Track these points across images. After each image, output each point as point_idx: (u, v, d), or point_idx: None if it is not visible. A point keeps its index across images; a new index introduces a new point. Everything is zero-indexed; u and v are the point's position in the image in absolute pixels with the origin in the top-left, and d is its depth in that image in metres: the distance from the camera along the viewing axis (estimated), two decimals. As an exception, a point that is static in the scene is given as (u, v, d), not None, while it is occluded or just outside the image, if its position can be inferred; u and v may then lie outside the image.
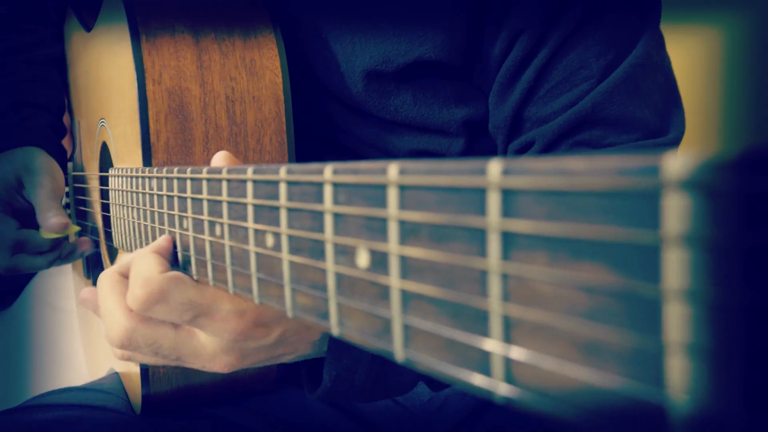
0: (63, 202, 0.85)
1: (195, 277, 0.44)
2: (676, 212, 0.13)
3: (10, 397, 1.00)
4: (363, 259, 0.24)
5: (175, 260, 0.47)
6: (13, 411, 0.71)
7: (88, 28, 0.85)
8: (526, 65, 0.63)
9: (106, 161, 0.82)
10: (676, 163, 0.13)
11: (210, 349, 0.45)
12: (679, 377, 0.13)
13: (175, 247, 0.47)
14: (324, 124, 0.74)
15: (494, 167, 0.18)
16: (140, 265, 0.43)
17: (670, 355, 0.13)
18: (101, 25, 0.79)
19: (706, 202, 0.13)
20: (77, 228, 0.84)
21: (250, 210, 0.34)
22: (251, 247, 0.34)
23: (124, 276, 0.47)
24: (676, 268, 0.13)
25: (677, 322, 0.13)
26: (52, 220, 0.78)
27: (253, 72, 0.64)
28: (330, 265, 0.26)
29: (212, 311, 0.43)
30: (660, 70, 0.66)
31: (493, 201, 0.18)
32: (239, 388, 0.73)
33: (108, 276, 0.47)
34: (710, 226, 0.12)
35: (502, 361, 0.18)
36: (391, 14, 0.66)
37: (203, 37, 0.64)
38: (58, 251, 0.83)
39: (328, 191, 0.26)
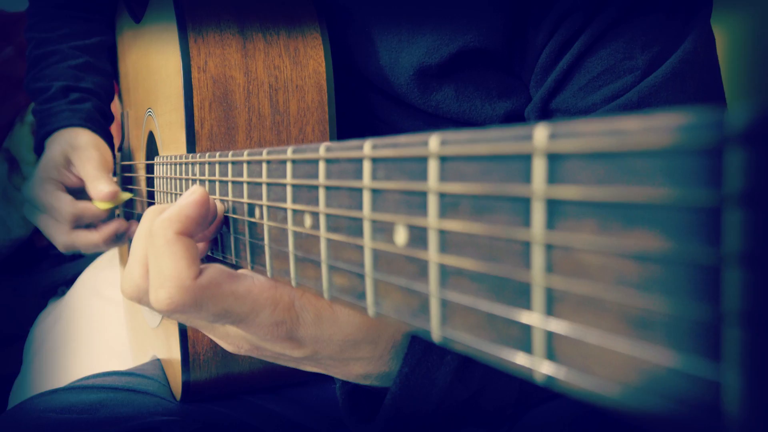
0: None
1: (234, 261, 0.44)
2: (740, 168, 0.12)
3: (61, 379, 1.03)
4: (401, 235, 0.24)
5: (214, 242, 0.47)
6: (59, 391, 0.73)
7: (138, 19, 0.87)
8: (565, 50, 0.61)
9: (152, 150, 0.83)
10: (742, 115, 0.12)
11: (230, 331, 0.42)
12: (739, 350, 0.12)
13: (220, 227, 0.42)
14: (367, 116, 0.74)
15: (540, 132, 0.17)
16: (167, 261, 0.36)
17: (729, 325, 0.12)
18: (150, 16, 0.80)
19: (775, 156, 0.11)
20: (129, 195, 0.84)
21: (288, 191, 0.34)
22: (289, 228, 0.34)
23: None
24: (739, 230, 0.12)
25: (739, 289, 0.12)
26: (103, 190, 0.79)
27: (296, 61, 0.64)
28: (367, 242, 0.26)
29: (248, 320, 0.38)
30: (708, 70, 0.63)
31: (539, 167, 0.17)
32: (278, 379, 0.74)
33: (151, 215, 0.41)
34: (779, 183, 0.11)
35: (543, 337, 0.17)
36: (437, 5, 0.65)
37: (248, 26, 0.65)
38: (115, 226, 0.84)
39: (366, 167, 0.26)
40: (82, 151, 0.83)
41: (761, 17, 1.06)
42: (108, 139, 0.92)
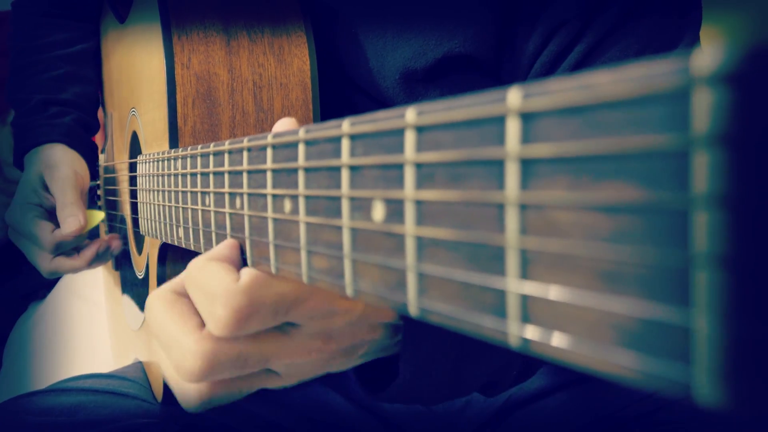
0: (88, 192, 0.86)
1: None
2: (706, 108, 0.12)
3: (42, 382, 1.01)
4: (378, 211, 0.23)
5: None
6: (39, 393, 0.72)
7: (122, 20, 0.86)
8: (561, 61, 0.61)
9: (136, 150, 0.83)
10: (707, 56, 0.12)
11: (296, 337, 0.38)
12: (707, 293, 0.12)
13: (243, 252, 0.39)
14: None
15: (514, 93, 0.17)
16: (208, 282, 0.35)
17: (697, 269, 0.12)
18: (134, 16, 0.80)
19: (739, 95, 0.11)
20: (101, 214, 0.84)
21: (269, 176, 0.34)
22: (269, 214, 0.34)
23: (180, 294, 0.39)
24: (706, 171, 0.12)
25: (707, 231, 0.12)
26: (66, 225, 0.78)
27: (281, 59, 0.64)
28: (346, 221, 0.26)
29: (301, 300, 0.36)
30: None
31: (512, 127, 0.17)
32: (260, 379, 0.73)
33: (159, 297, 0.38)
34: (745, 122, 0.11)
35: (518, 300, 0.17)
36: (423, 9, 0.65)
37: (233, 24, 0.65)
38: (94, 248, 0.84)
39: (345, 145, 0.25)
40: (54, 170, 0.82)
41: (761, 17, 1.07)
42: (88, 151, 0.91)
